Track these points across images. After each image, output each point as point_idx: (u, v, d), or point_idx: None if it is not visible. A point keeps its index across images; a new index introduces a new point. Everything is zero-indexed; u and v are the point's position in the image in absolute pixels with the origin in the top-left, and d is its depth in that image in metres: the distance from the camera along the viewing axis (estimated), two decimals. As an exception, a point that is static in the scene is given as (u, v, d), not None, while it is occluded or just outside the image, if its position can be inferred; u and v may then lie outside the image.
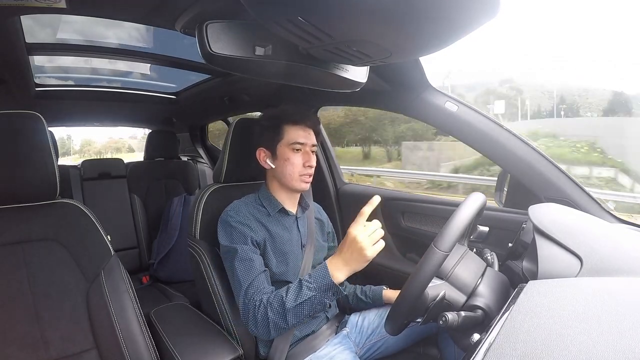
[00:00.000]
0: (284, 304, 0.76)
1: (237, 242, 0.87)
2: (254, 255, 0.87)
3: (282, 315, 0.76)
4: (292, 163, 0.93)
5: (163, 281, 1.73)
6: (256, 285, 0.82)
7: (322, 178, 1.50)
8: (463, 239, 0.82)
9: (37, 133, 0.77)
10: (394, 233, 1.31)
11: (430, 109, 1.05)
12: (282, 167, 0.94)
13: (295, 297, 0.75)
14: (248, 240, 0.88)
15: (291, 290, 0.77)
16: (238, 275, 0.84)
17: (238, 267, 0.84)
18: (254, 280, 0.83)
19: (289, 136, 0.94)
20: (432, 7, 0.44)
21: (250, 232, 0.89)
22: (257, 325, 0.79)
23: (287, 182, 0.95)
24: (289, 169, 0.94)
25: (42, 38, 1.16)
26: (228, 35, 0.64)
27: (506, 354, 0.40)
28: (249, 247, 0.88)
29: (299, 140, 0.93)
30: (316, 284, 0.75)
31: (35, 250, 0.78)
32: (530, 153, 0.94)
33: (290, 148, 0.93)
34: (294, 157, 0.93)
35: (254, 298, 0.80)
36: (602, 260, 0.60)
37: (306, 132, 0.95)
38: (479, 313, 0.67)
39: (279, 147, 0.94)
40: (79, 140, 9.68)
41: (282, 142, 0.94)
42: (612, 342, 0.39)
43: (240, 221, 0.90)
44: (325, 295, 0.75)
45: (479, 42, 12.63)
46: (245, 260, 0.85)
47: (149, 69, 1.59)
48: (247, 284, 0.82)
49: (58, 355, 0.75)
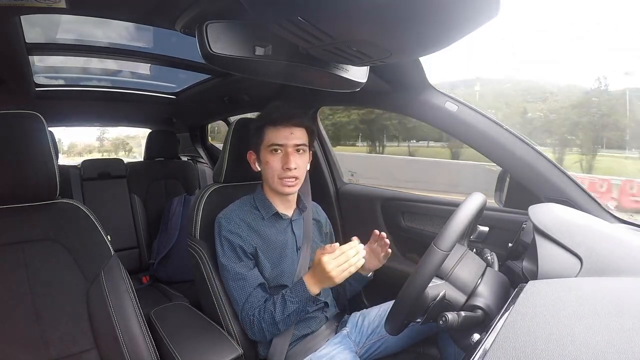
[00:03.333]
0: (274, 317, 0.85)
1: (228, 258, 0.90)
2: (246, 271, 0.90)
3: (274, 325, 0.86)
4: (271, 166, 0.92)
5: (163, 281, 1.73)
6: (250, 302, 0.88)
7: (322, 178, 1.50)
8: (463, 239, 0.82)
9: (37, 133, 0.77)
10: (394, 233, 1.31)
11: (430, 109, 1.04)
12: (264, 170, 0.94)
13: (282, 311, 0.84)
14: (239, 252, 0.90)
15: (277, 305, 0.85)
16: (233, 293, 0.90)
17: (232, 286, 0.90)
18: (249, 297, 0.89)
19: (267, 138, 0.92)
20: (432, 7, 0.44)
21: (240, 242, 0.90)
22: (255, 334, 0.89)
23: (270, 185, 0.95)
24: (269, 172, 0.93)
25: (42, 38, 1.16)
26: (228, 35, 0.64)
27: (506, 354, 0.40)
28: (241, 263, 0.90)
29: (276, 141, 0.91)
30: (297, 298, 0.84)
31: (35, 250, 0.78)
32: (530, 153, 0.94)
33: (269, 150, 0.92)
34: (272, 159, 0.91)
35: (249, 313, 0.88)
36: (602, 260, 0.60)
37: (287, 132, 0.91)
38: (479, 313, 0.67)
39: (261, 150, 0.93)
40: (67, 141, 10.91)
41: (263, 145, 0.93)
42: (612, 342, 0.39)
43: (230, 230, 0.90)
44: (307, 305, 0.85)
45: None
46: (238, 280, 0.89)
47: (149, 69, 1.59)
48: (242, 302, 0.89)
49: (58, 355, 0.75)
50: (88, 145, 14.14)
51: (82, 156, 7.50)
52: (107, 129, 13.69)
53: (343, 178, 1.54)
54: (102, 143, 15.23)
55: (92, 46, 1.27)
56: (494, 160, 0.99)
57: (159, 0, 0.70)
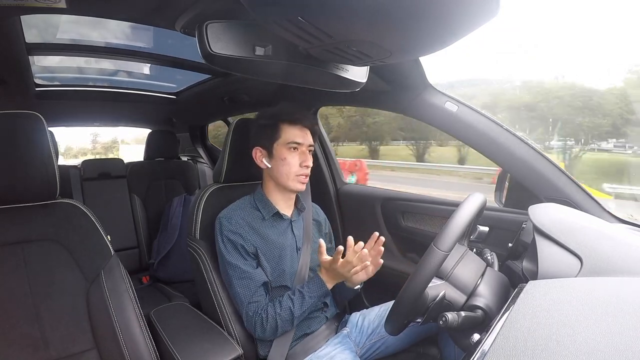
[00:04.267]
0: (292, 313, 0.87)
1: (232, 256, 0.90)
2: (251, 270, 0.89)
3: (290, 321, 0.88)
4: (289, 163, 0.93)
5: (163, 281, 1.73)
6: (256, 300, 0.89)
7: (321, 178, 1.50)
8: (463, 239, 0.82)
9: (37, 133, 0.77)
10: (393, 233, 1.31)
11: (430, 109, 1.04)
12: (279, 167, 0.94)
13: (301, 306, 0.87)
14: (241, 251, 0.90)
15: (296, 300, 0.87)
16: (238, 292, 0.89)
17: (237, 284, 0.89)
18: (254, 295, 0.88)
19: (286, 135, 0.93)
20: (432, 7, 0.44)
21: (241, 242, 0.90)
22: (265, 332, 0.88)
23: (283, 182, 0.95)
24: (285, 169, 0.93)
25: (42, 38, 1.16)
26: (228, 35, 0.64)
27: (506, 354, 0.40)
28: (244, 260, 0.90)
29: (296, 139, 0.93)
30: (316, 293, 0.88)
31: (35, 250, 0.78)
32: (530, 153, 0.94)
33: (287, 147, 0.93)
34: (290, 156, 0.93)
35: (258, 312, 0.88)
36: (602, 260, 0.60)
37: (303, 132, 0.95)
38: (479, 313, 0.67)
39: (275, 146, 0.94)
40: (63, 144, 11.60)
41: (279, 141, 0.94)
42: (612, 342, 0.39)
43: (232, 230, 0.91)
44: (322, 298, 0.90)
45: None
46: (243, 278, 0.89)
47: (149, 69, 1.59)
48: (247, 301, 0.89)
49: (58, 355, 0.75)
50: (82, 148, 15.73)
51: (77, 158, 8.53)
52: (99, 134, 15.79)
53: (343, 178, 1.54)
54: (94, 146, 17.09)
55: (92, 46, 1.27)
56: (494, 160, 0.99)
57: (159, 0, 0.70)
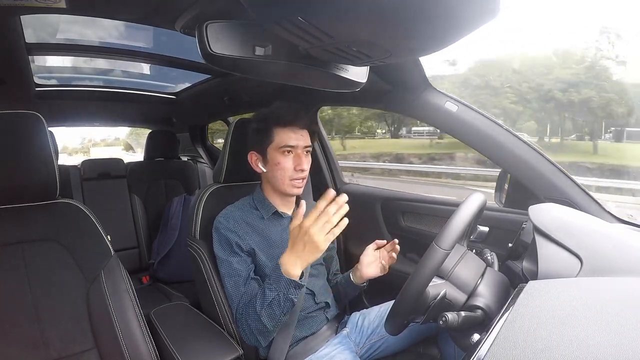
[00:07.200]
0: (255, 309, 0.80)
1: (225, 253, 0.89)
2: (241, 267, 0.88)
3: (258, 319, 0.80)
4: (283, 167, 0.91)
5: (163, 281, 1.73)
6: (244, 301, 0.86)
7: (322, 178, 1.50)
8: (463, 239, 0.82)
9: (37, 133, 0.77)
10: (393, 233, 1.31)
11: (430, 109, 1.04)
12: (273, 172, 0.92)
13: (262, 301, 0.79)
14: (235, 248, 0.89)
15: (258, 295, 0.81)
16: (229, 291, 0.88)
17: (228, 283, 0.88)
18: (243, 295, 0.86)
19: (278, 139, 0.91)
20: (432, 7, 0.44)
21: (237, 239, 0.89)
22: (247, 337, 0.86)
23: (278, 187, 0.94)
24: (279, 174, 0.92)
25: (41, 38, 1.16)
26: (228, 35, 0.63)
27: (506, 354, 0.40)
28: (235, 258, 0.89)
29: (289, 143, 0.90)
30: (275, 285, 0.78)
31: (35, 250, 0.78)
32: (530, 153, 0.94)
33: (281, 151, 0.91)
34: (284, 160, 0.91)
35: (242, 313, 0.86)
36: (602, 260, 0.60)
37: (298, 133, 0.92)
38: (479, 313, 0.67)
39: (269, 151, 0.92)
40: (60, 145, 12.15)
41: (272, 146, 0.92)
42: (613, 342, 0.39)
43: (228, 228, 0.90)
44: (288, 291, 0.77)
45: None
46: (233, 276, 0.88)
47: (149, 69, 1.59)
48: (237, 300, 0.87)
49: (58, 355, 0.75)
50: (74, 148, 17.16)
51: (71, 156, 9.93)
52: (93, 136, 16.75)
53: (343, 178, 1.54)
54: (86, 145, 18.61)
55: (92, 46, 1.27)
56: (494, 160, 0.99)
57: (159, 0, 0.70)
